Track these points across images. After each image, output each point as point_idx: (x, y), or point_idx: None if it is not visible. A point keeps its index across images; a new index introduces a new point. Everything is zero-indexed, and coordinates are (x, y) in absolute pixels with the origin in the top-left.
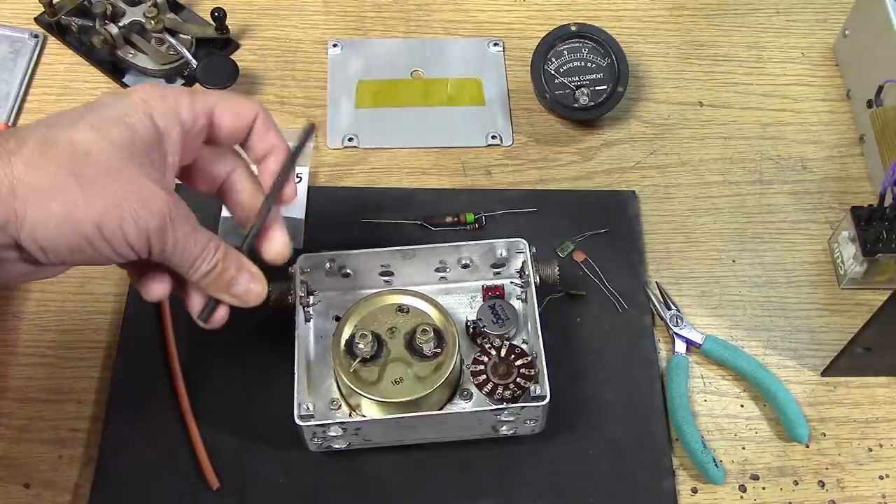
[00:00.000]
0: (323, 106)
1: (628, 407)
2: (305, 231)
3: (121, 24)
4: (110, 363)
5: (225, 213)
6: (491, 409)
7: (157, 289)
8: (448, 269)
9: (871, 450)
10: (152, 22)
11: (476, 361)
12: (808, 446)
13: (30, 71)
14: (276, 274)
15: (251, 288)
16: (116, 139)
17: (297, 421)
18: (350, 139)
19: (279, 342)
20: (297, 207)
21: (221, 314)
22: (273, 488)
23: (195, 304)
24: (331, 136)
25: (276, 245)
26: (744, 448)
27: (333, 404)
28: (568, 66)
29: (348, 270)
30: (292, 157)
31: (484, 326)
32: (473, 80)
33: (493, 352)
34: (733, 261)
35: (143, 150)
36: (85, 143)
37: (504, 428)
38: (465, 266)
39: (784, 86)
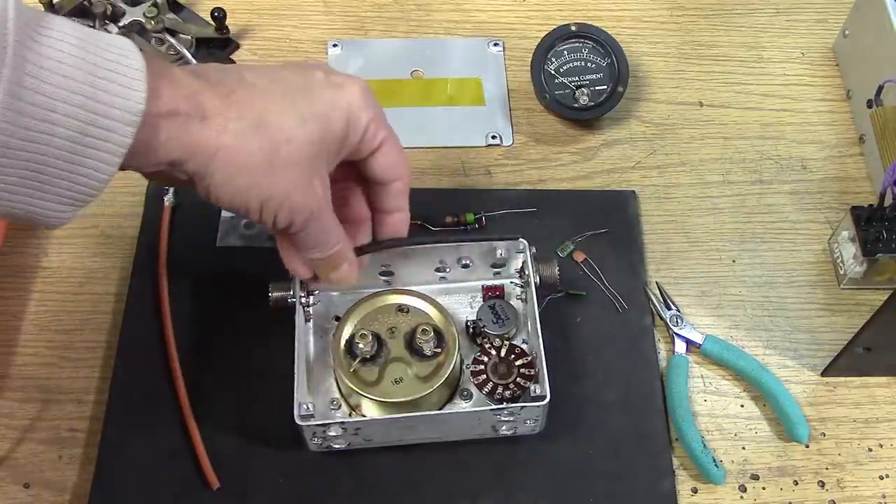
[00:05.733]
0: None
1: (628, 407)
2: None
3: (121, 24)
4: (110, 363)
5: (225, 213)
6: (491, 409)
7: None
8: (448, 269)
9: (871, 450)
10: (152, 22)
11: (476, 361)
12: (808, 446)
13: None
14: (277, 274)
15: (344, 275)
16: (315, 136)
17: (297, 421)
18: None
19: (279, 342)
20: None
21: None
22: (273, 488)
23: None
24: None
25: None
26: (744, 448)
27: (333, 404)
28: (568, 66)
29: None
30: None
31: (484, 326)
32: (473, 80)
33: (493, 352)
34: (733, 261)
35: (329, 148)
36: (290, 131)
37: (504, 428)
38: (465, 266)
39: (784, 86)
